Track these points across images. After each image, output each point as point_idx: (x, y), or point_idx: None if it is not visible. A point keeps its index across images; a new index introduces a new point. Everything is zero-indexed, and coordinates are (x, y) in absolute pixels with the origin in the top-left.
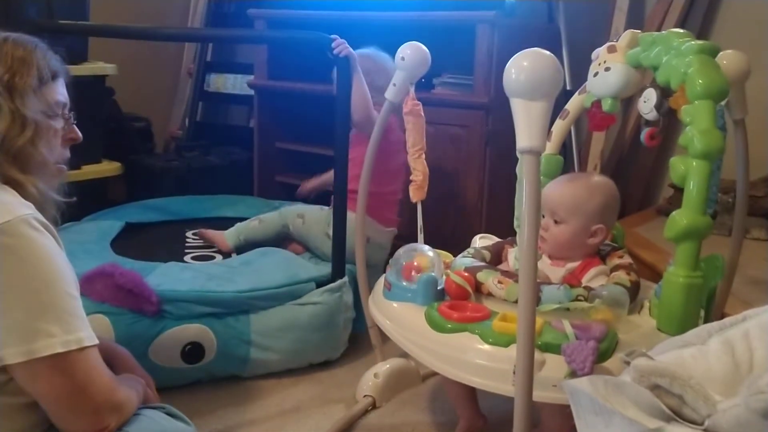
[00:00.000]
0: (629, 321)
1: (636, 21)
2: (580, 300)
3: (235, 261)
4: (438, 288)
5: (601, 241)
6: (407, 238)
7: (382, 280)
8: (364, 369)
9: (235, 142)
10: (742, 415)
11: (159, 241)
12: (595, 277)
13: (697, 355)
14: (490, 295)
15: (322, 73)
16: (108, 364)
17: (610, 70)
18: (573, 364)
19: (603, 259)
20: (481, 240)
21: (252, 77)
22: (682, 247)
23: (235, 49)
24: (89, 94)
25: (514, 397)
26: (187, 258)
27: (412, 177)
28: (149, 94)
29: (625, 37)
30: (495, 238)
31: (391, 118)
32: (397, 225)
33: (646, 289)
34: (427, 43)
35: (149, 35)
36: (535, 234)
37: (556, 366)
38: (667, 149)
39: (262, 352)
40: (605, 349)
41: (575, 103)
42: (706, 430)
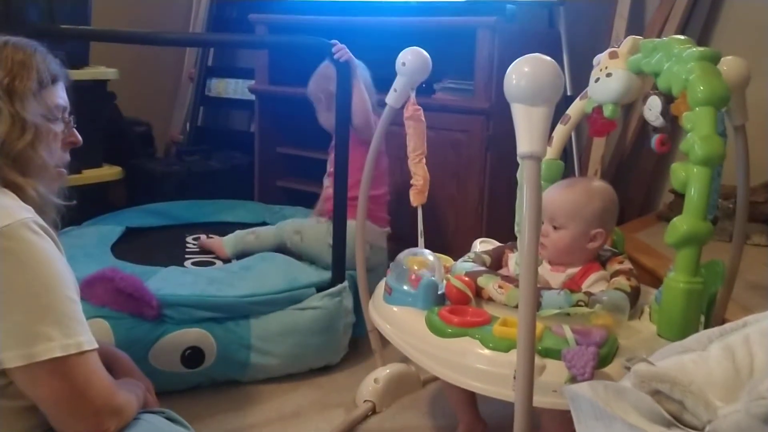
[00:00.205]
0: (629, 326)
1: (636, 27)
2: (581, 305)
3: (235, 266)
4: (438, 292)
5: (600, 246)
6: (407, 242)
7: (383, 285)
8: (364, 374)
9: (236, 147)
10: (743, 421)
11: (159, 246)
12: (595, 282)
13: (698, 360)
14: (490, 299)
15: None
16: (108, 368)
17: (611, 76)
18: (573, 370)
19: (603, 264)
20: (481, 245)
21: (253, 82)
22: (682, 252)
23: (236, 53)
24: (90, 99)
25: (514, 402)
26: (188, 263)
27: (412, 181)
28: (150, 99)
29: (627, 43)
30: (495, 242)
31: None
32: (389, 223)
33: (647, 295)
34: (428, 49)
35: (150, 40)
36: (536, 239)
37: (557, 371)
38: (667, 155)
39: (262, 356)
40: (605, 354)
41: (576, 108)
42: None
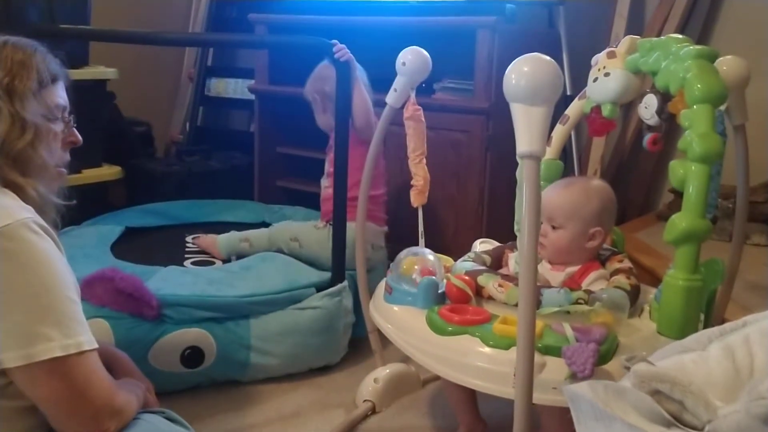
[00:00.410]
0: (629, 324)
1: (636, 27)
2: (580, 303)
3: (235, 266)
4: (439, 291)
5: (599, 244)
6: (408, 242)
7: (383, 284)
8: (364, 374)
9: (236, 147)
10: (743, 421)
11: (159, 246)
12: (595, 281)
13: (698, 360)
14: (490, 298)
15: None
16: (108, 368)
17: (609, 76)
18: (573, 367)
19: (603, 263)
20: (481, 244)
21: (253, 82)
22: (681, 250)
23: (235, 53)
24: (90, 99)
25: (514, 400)
26: (187, 262)
27: (413, 182)
28: (150, 99)
29: (625, 42)
30: (495, 242)
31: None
32: (386, 223)
33: (646, 294)
34: (428, 48)
35: (150, 40)
36: (535, 238)
37: (557, 368)
38: (667, 154)
39: (261, 356)
40: (605, 351)
41: (575, 108)
42: None
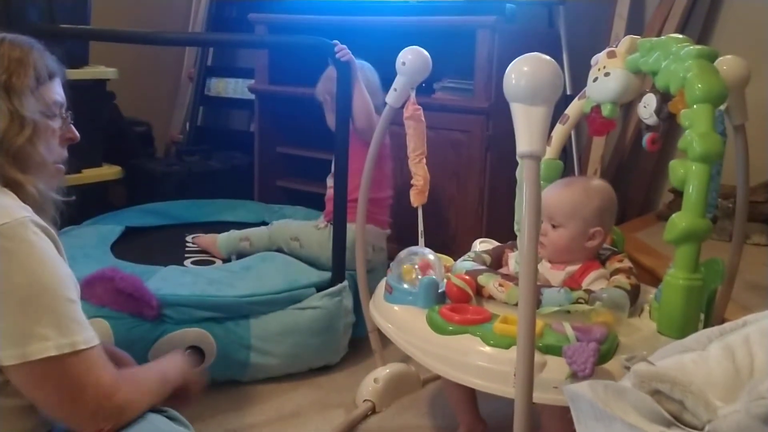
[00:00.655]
0: (629, 324)
1: (636, 27)
2: (581, 303)
3: (235, 266)
4: (439, 291)
5: (599, 244)
6: (407, 242)
7: (383, 284)
8: (364, 374)
9: (236, 147)
10: (743, 421)
11: (159, 246)
12: (595, 280)
13: (698, 360)
14: (490, 298)
15: None
16: None
17: (609, 76)
18: (574, 366)
19: (603, 263)
20: (481, 244)
21: (253, 81)
22: (681, 249)
23: (235, 53)
24: (90, 98)
25: (514, 400)
26: (187, 262)
27: (413, 182)
28: (150, 99)
29: (625, 42)
30: (495, 242)
31: None
32: (390, 226)
33: (646, 294)
34: (428, 48)
35: (150, 39)
36: (536, 237)
37: (557, 368)
38: (667, 154)
39: (261, 356)
40: (606, 350)
41: (575, 108)
42: None
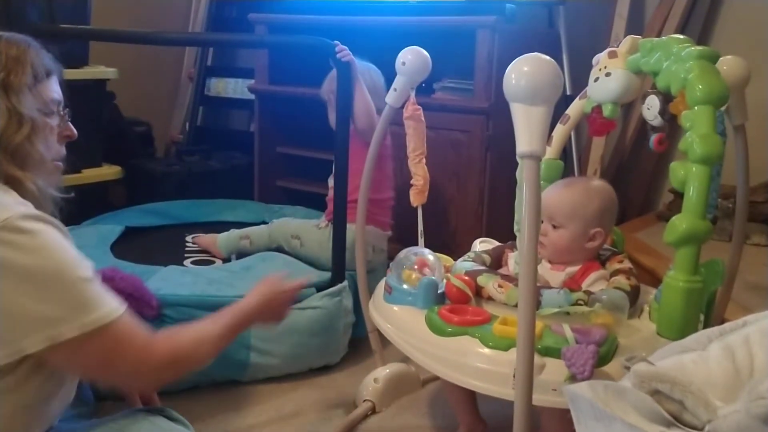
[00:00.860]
0: (629, 325)
1: (636, 26)
2: (580, 304)
3: (235, 266)
4: (438, 292)
5: (600, 245)
6: (407, 242)
7: (383, 284)
8: (364, 374)
9: (236, 147)
10: (743, 421)
11: (159, 246)
12: (595, 281)
13: (698, 360)
14: (490, 299)
15: (323, 78)
16: None
17: (610, 76)
18: (573, 368)
19: (603, 263)
20: (481, 244)
21: (253, 81)
22: (681, 251)
23: (235, 53)
24: (90, 98)
25: (514, 401)
26: (187, 262)
27: (412, 181)
28: (150, 99)
29: (626, 42)
30: (495, 242)
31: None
32: (391, 227)
33: (646, 295)
34: (428, 48)
35: (150, 39)
36: (535, 238)
37: (556, 370)
38: (667, 154)
39: (261, 356)
40: (605, 352)
41: (575, 108)
42: None
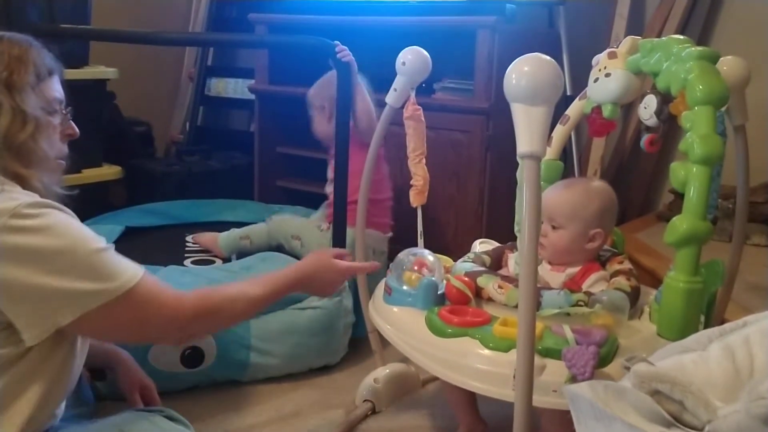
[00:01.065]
0: (629, 326)
1: (636, 27)
2: (581, 305)
3: (235, 266)
4: (438, 293)
5: (600, 246)
6: (407, 242)
7: (383, 285)
8: (364, 374)
9: (236, 147)
10: (743, 421)
11: (159, 246)
12: (595, 282)
13: (698, 360)
14: (490, 300)
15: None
16: (109, 366)
17: (610, 76)
18: (573, 369)
19: (603, 264)
20: (481, 245)
21: (253, 81)
22: (682, 252)
23: (235, 53)
24: (90, 98)
25: (514, 402)
26: (187, 262)
27: (412, 182)
28: (150, 99)
29: (626, 43)
30: (495, 243)
31: None
32: (392, 228)
33: (646, 295)
34: (428, 48)
35: (150, 39)
36: (536, 238)
37: (557, 371)
38: (667, 155)
39: (261, 356)
40: (606, 353)
41: (575, 108)
42: None
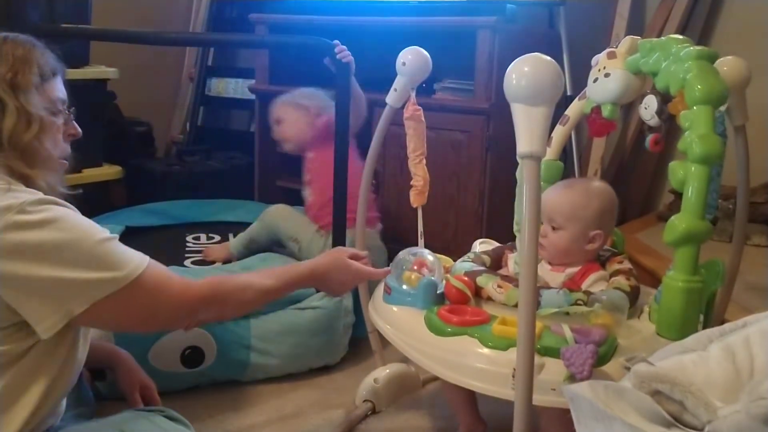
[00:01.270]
0: (629, 326)
1: (637, 27)
2: (580, 304)
3: (235, 266)
4: (438, 292)
5: (599, 247)
6: (407, 243)
7: (382, 285)
8: (364, 374)
9: (236, 147)
10: (743, 421)
11: (159, 246)
12: (595, 282)
13: (698, 361)
14: (489, 299)
15: (323, 78)
16: (109, 366)
17: (609, 76)
18: (572, 368)
19: (603, 264)
20: (481, 245)
21: (253, 82)
22: (680, 251)
23: (236, 53)
24: (91, 98)
25: (513, 401)
26: (187, 262)
27: (412, 182)
28: (151, 99)
29: (625, 43)
30: (495, 243)
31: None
32: (379, 220)
33: (646, 295)
34: (428, 49)
35: (151, 39)
36: (535, 238)
37: (556, 369)
38: (667, 155)
39: (261, 356)
40: (604, 353)
41: (575, 108)
42: None
